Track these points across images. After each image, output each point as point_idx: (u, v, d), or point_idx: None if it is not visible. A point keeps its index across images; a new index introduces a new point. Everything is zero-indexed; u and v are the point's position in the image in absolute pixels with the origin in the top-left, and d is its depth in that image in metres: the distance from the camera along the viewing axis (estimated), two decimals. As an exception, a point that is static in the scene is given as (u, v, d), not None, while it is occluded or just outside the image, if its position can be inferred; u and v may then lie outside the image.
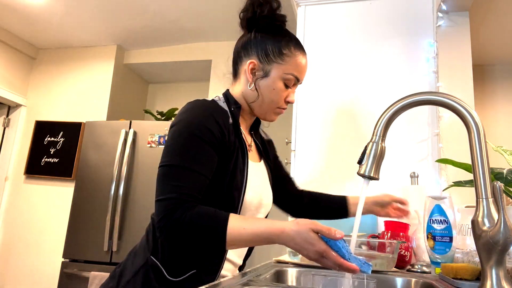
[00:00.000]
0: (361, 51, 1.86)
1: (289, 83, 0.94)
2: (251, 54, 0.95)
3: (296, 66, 0.94)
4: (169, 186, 0.78)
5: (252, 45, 0.95)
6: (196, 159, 0.81)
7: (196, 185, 0.80)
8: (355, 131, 1.76)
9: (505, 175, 1.02)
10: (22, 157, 3.41)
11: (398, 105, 0.73)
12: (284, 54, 0.93)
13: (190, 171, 0.79)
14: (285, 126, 3.58)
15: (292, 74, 0.93)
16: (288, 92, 0.95)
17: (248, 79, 0.94)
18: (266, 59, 0.93)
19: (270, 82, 0.93)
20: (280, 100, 0.95)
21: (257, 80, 0.94)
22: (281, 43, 0.93)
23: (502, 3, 2.36)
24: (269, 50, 0.93)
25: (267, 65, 0.93)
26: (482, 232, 0.63)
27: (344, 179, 1.72)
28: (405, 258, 1.10)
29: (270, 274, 0.88)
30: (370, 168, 0.71)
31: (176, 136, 0.83)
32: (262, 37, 0.95)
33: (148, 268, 0.85)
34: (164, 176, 0.80)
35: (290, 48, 0.94)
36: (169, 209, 0.75)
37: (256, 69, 0.94)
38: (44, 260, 3.13)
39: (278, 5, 0.97)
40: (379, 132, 0.73)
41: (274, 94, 0.93)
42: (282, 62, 0.92)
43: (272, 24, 0.96)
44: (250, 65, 0.94)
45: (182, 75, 3.75)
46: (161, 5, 2.82)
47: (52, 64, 3.59)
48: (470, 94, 1.69)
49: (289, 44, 0.94)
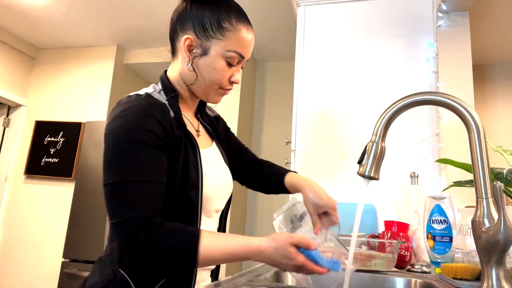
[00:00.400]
0: (361, 51, 1.86)
1: (232, 61, 0.82)
2: (187, 28, 0.82)
3: (239, 41, 0.82)
4: (122, 206, 0.69)
5: (187, 17, 0.82)
6: (143, 168, 0.72)
7: (152, 196, 0.72)
8: (355, 131, 1.76)
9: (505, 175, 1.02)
10: (22, 157, 3.41)
11: (398, 105, 0.73)
12: (225, 28, 0.80)
13: (140, 183, 0.71)
14: (285, 126, 3.58)
15: (234, 51, 0.81)
16: (232, 71, 0.84)
17: (185, 58, 0.83)
18: (204, 34, 0.80)
19: (209, 60, 0.81)
20: (223, 80, 0.83)
21: (195, 58, 0.82)
22: (220, 15, 0.81)
23: (502, 3, 2.36)
24: (207, 24, 0.80)
25: (206, 41, 0.81)
26: (482, 232, 0.63)
27: (344, 179, 1.72)
28: (405, 258, 1.10)
29: (270, 274, 0.88)
30: (370, 168, 0.71)
31: (114, 147, 0.73)
32: (198, 8, 0.82)
33: (116, 283, 0.78)
34: (113, 195, 0.71)
35: (231, 21, 0.81)
36: (131, 231, 0.68)
37: (193, 45, 0.82)
38: (44, 260, 3.13)
39: None
40: (379, 132, 0.72)
41: (215, 74, 0.82)
42: (222, 37, 0.80)
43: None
44: (187, 41, 0.81)
45: (182, 75, 3.75)
46: (161, 5, 2.82)
47: (52, 64, 3.59)
48: (470, 94, 1.69)
49: (230, 15, 0.81)
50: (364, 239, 1.11)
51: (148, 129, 0.73)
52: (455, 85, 1.71)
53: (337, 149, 1.77)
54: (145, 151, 0.72)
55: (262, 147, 3.55)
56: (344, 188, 1.71)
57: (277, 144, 3.50)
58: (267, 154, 3.51)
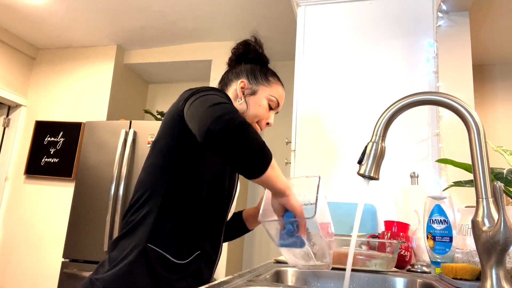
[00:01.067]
0: (361, 51, 1.86)
1: (272, 104, 1.08)
2: (241, 76, 1.09)
3: (278, 93, 1.09)
4: (218, 100, 0.79)
5: (242, 70, 1.10)
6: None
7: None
8: (355, 131, 1.76)
9: (505, 175, 1.02)
10: (22, 157, 3.41)
11: (398, 105, 0.73)
12: (270, 80, 1.09)
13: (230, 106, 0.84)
14: (285, 126, 3.58)
15: (275, 97, 1.08)
16: (269, 114, 1.08)
17: (238, 95, 1.06)
18: (255, 81, 1.08)
19: (257, 99, 1.06)
20: (263, 117, 1.06)
21: (246, 96, 1.06)
22: (267, 72, 1.11)
23: (502, 3, 2.36)
24: (258, 75, 1.09)
25: (255, 85, 1.07)
26: (482, 232, 0.63)
27: (344, 179, 1.72)
28: (405, 258, 1.10)
29: (270, 274, 0.88)
30: (370, 168, 0.71)
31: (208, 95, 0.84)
32: (251, 66, 1.11)
33: (147, 256, 0.84)
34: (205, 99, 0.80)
35: (274, 78, 1.11)
36: (232, 110, 0.75)
37: (245, 87, 1.07)
38: (44, 260, 3.13)
39: (262, 50, 1.15)
40: (379, 132, 0.73)
41: (259, 110, 1.06)
42: (268, 85, 1.08)
43: (260, 59, 1.13)
44: (241, 84, 1.07)
45: (182, 75, 3.75)
46: (161, 5, 2.82)
47: (52, 64, 3.59)
48: (470, 94, 1.69)
49: (274, 75, 1.12)
50: (364, 239, 1.11)
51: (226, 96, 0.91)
52: (455, 85, 1.71)
53: (337, 149, 1.77)
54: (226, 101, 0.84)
55: (262, 147, 3.55)
56: (344, 188, 1.71)
57: (277, 144, 3.50)
58: (267, 154, 3.51)
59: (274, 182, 0.77)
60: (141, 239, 0.86)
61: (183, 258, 0.87)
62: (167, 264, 0.85)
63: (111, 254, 0.89)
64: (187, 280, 0.87)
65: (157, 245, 0.85)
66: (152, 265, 0.83)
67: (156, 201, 0.89)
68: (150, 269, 0.83)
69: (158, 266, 0.83)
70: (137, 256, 0.84)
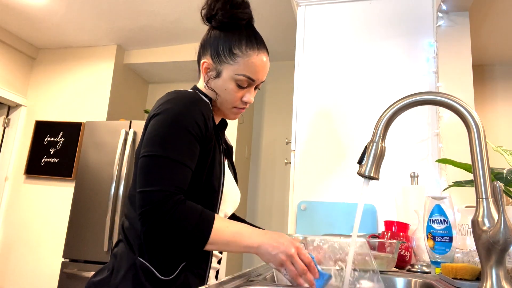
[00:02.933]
0: (361, 51, 1.86)
1: (242, 84, 0.92)
2: (206, 53, 0.95)
3: (248, 66, 0.91)
4: (155, 177, 0.76)
5: (207, 43, 0.95)
6: (182, 151, 0.80)
7: (183, 178, 0.79)
8: (355, 131, 1.76)
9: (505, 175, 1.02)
10: (22, 157, 3.41)
11: (398, 105, 0.73)
12: (235, 54, 0.91)
13: (177, 163, 0.78)
14: (285, 126, 3.58)
15: (243, 74, 0.91)
16: (243, 92, 0.94)
17: (203, 78, 0.96)
18: (218, 59, 0.92)
19: (221, 82, 0.92)
20: (234, 100, 0.94)
21: (210, 79, 0.94)
22: (231, 42, 0.91)
23: (502, 3, 2.36)
24: (220, 50, 0.92)
25: (219, 65, 0.92)
26: (482, 232, 0.63)
27: (344, 179, 1.72)
28: (405, 258, 1.10)
29: (270, 274, 0.88)
30: (370, 168, 0.71)
31: (162, 126, 0.81)
32: (215, 36, 0.94)
33: (136, 270, 0.82)
34: (149, 166, 0.78)
35: (241, 48, 0.91)
36: (158, 201, 0.74)
37: (209, 68, 0.94)
38: (44, 260, 3.13)
39: (241, 2, 0.95)
40: (379, 132, 0.73)
41: (226, 94, 0.93)
42: (232, 62, 0.91)
43: (228, 22, 0.92)
44: (204, 64, 0.94)
45: (182, 75, 3.75)
46: (161, 5, 2.82)
47: (52, 64, 3.59)
48: (470, 94, 1.69)
49: (241, 43, 0.91)
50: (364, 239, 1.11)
51: (194, 119, 0.82)
52: (455, 85, 1.71)
53: (337, 149, 1.77)
54: (187, 137, 0.81)
55: (262, 147, 3.55)
56: (344, 188, 1.71)
57: (277, 144, 3.50)
58: (267, 154, 3.51)
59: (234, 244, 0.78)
60: (132, 251, 0.84)
61: (168, 274, 0.83)
62: (153, 280, 0.82)
63: (111, 256, 0.90)
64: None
65: (146, 259, 0.83)
66: (139, 280, 0.81)
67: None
68: (138, 284, 0.81)
69: (145, 281, 0.81)
70: (128, 268, 0.82)
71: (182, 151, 0.80)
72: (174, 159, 0.78)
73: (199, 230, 0.75)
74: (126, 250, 0.86)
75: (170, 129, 0.80)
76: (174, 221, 0.74)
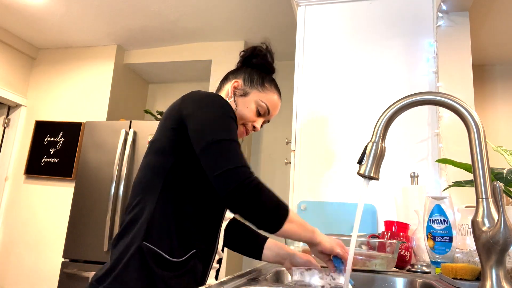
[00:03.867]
0: (361, 51, 1.86)
1: (261, 110, 1.07)
2: (238, 77, 1.10)
3: (271, 100, 1.09)
4: (236, 157, 0.83)
5: (241, 72, 1.11)
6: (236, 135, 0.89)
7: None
8: (355, 131, 1.76)
9: (505, 175, 1.02)
10: (22, 157, 3.41)
11: (398, 105, 0.73)
12: (265, 86, 1.09)
13: (238, 144, 0.87)
14: (285, 126, 3.58)
15: (266, 104, 1.07)
16: (257, 119, 1.08)
17: (229, 93, 1.08)
18: (249, 84, 1.08)
19: (246, 101, 1.06)
20: (249, 119, 1.06)
21: (236, 96, 1.07)
22: (265, 78, 1.10)
23: (502, 3, 2.36)
24: (254, 79, 1.09)
25: (249, 88, 1.08)
26: (482, 232, 0.63)
27: (344, 179, 1.72)
28: (405, 258, 1.10)
29: (270, 274, 0.88)
30: (370, 168, 0.71)
31: (219, 112, 0.89)
32: (251, 70, 1.11)
33: (143, 255, 0.84)
34: (226, 149, 0.84)
35: (271, 85, 1.11)
36: (244, 177, 0.80)
37: (238, 87, 1.08)
38: (44, 260, 3.13)
39: (273, 60, 1.16)
40: (379, 132, 0.72)
41: (245, 112, 1.05)
42: (261, 90, 1.08)
43: (264, 66, 1.13)
44: (235, 83, 1.08)
45: (182, 75, 3.75)
46: (161, 5, 2.82)
47: (52, 64, 3.59)
48: (470, 94, 1.69)
49: (271, 82, 1.11)
50: (364, 239, 1.11)
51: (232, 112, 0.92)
52: (455, 85, 1.71)
53: (337, 149, 1.77)
54: (234, 124, 0.91)
55: (262, 147, 3.55)
56: (344, 188, 1.71)
57: (277, 144, 3.50)
58: (267, 154, 3.51)
59: (297, 234, 0.84)
60: (137, 237, 0.86)
61: (178, 256, 0.86)
62: (162, 262, 0.84)
63: (111, 255, 0.90)
64: (183, 278, 0.86)
65: (152, 243, 0.85)
66: (147, 263, 0.83)
67: (152, 200, 0.89)
68: (145, 267, 0.83)
69: (153, 264, 0.83)
70: (132, 254, 0.84)
71: (234, 132, 0.89)
72: (237, 143, 0.87)
73: (281, 210, 0.82)
74: (129, 238, 0.87)
75: (225, 117, 0.89)
76: (262, 196, 0.80)
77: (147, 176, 0.92)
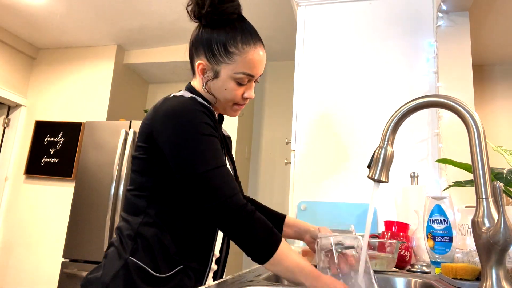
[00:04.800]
0: (361, 51, 1.86)
1: (242, 81, 0.89)
2: (200, 54, 0.90)
3: (246, 63, 0.87)
4: (225, 187, 0.78)
5: (199, 43, 0.90)
6: (219, 155, 0.81)
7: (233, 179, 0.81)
8: (355, 131, 1.77)
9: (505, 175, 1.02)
10: (22, 157, 3.41)
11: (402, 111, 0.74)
12: (231, 52, 0.87)
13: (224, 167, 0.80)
14: (285, 126, 3.58)
15: (242, 72, 0.88)
16: (244, 88, 0.91)
17: (201, 81, 0.92)
18: (214, 59, 0.88)
19: (220, 83, 0.89)
20: (235, 97, 0.91)
21: (208, 81, 0.91)
22: (226, 40, 0.87)
23: (502, 3, 2.36)
24: (215, 50, 0.87)
25: (216, 65, 0.88)
26: (482, 232, 0.63)
27: (344, 178, 1.72)
28: (405, 258, 1.10)
29: (270, 274, 0.88)
30: (380, 172, 0.73)
31: (189, 142, 0.80)
32: (207, 34, 0.88)
33: (128, 270, 0.82)
34: (213, 180, 0.78)
35: (237, 45, 0.87)
36: (240, 204, 0.76)
37: (206, 69, 0.90)
38: (44, 260, 3.13)
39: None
40: (387, 137, 0.74)
41: (227, 94, 0.90)
42: (230, 61, 0.87)
43: (217, 19, 0.87)
44: (200, 66, 0.90)
45: (182, 75, 3.75)
46: (161, 5, 2.82)
47: (52, 64, 3.59)
48: (470, 94, 1.69)
49: (236, 40, 0.87)
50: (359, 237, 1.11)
51: (207, 124, 0.83)
52: (455, 85, 1.71)
53: (337, 149, 1.77)
54: (213, 141, 0.82)
55: (262, 147, 3.55)
56: (344, 188, 1.71)
57: (277, 144, 3.50)
58: (267, 154, 3.51)
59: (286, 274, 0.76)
60: (125, 250, 0.84)
61: (164, 271, 0.83)
62: (147, 278, 0.81)
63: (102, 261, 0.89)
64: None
65: (138, 258, 0.83)
66: (132, 279, 0.81)
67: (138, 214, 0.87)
68: (130, 282, 0.81)
69: (138, 279, 0.81)
70: (119, 268, 0.82)
71: (219, 155, 0.81)
72: (222, 165, 0.80)
73: (269, 241, 0.76)
74: (118, 250, 0.85)
75: (199, 141, 0.80)
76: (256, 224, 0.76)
77: (132, 191, 0.89)
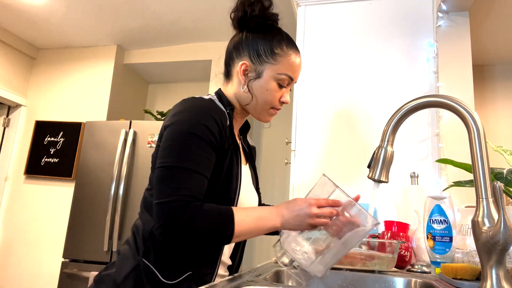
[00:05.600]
0: (361, 51, 1.86)
1: (283, 83, 0.92)
2: (243, 55, 0.94)
3: (289, 65, 0.92)
4: (171, 188, 0.76)
5: (243, 45, 0.95)
6: (197, 160, 0.79)
7: (199, 187, 0.79)
8: (355, 131, 1.76)
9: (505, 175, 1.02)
10: (22, 157, 3.41)
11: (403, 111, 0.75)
12: (277, 53, 0.91)
13: (192, 172, 0.78)
14: (285, 126, 3.58)
15: (285, 74, 0.92)
16: (282, 92, 0.94)
17: (241, 81, 0.93)
18: (258, 59, 0.92)
19: (263, 83, 0.91)
20: (274, 100, 0.93)
21: (250, 81, 0.92)
22: (272, 43, 0.92)
23: (502, 3, 2.36)
24: (261, 50, 0.92)
25: (260, 65, 0.92)
26: (482, 232, 0.63)
27: (343, 178, 1.72)
28: (405, 258, 1.10)
29: (270, 274, 0.88)
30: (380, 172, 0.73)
31: (176, 136, 0.81)
32: (253, 37, 0.94)
33: (139, 271, 0.82)
34: (165, 177, 0.78)
35: (282, 47, 0.92)
36: (176, 212, 0.74)
37: (248, 70, 0.93)
38: (44, 260, 3.13)
39: (270, 4, 0.96)
40: (387, 137, 0.74)
41: (267, 95, 0.92)
42: (274, 62, 0.91)
43: (263, 23, 0.94)
44: (243, 66, 0.93)
45: (182, 75, 3.75)
46: (161, 5, 2.82)
47: (52, 64, 3.59)
48: (470, 94, 1.69)
49: (281, 43, 0.93)
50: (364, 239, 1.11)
51: (207, 127, 0.82)
52: (455, 85, 1.71)
53: (337, 149, 1.77)
54: (200, 146, 0.80)
55: (262, 147, 3.55)
56: (344, 188, 1.70)
57: (277, 144, 3.50)
58: (267, 154, 3.52)
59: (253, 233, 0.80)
60: (139, 250, 0.85)
61: (172, 278, 0.83)
62: (156, 282, 0.82)
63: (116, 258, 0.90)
64: None
65: (150, 261, 0.84)
66: (141, 281, 0.82)
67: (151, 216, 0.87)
68: (139, 285, 0.82)
69: (147, 283, 0.82)
70: (131, 269, 0.83)
71: (197, 160, 0.79)
72: (189, 168, 0.78)
73: (222, 231, 0.76)
74: (131, 250, 0.86)
75: (184, 138, 0.80)
76: (195, 229, 0.75)
77: (150, 190, 0.89)
